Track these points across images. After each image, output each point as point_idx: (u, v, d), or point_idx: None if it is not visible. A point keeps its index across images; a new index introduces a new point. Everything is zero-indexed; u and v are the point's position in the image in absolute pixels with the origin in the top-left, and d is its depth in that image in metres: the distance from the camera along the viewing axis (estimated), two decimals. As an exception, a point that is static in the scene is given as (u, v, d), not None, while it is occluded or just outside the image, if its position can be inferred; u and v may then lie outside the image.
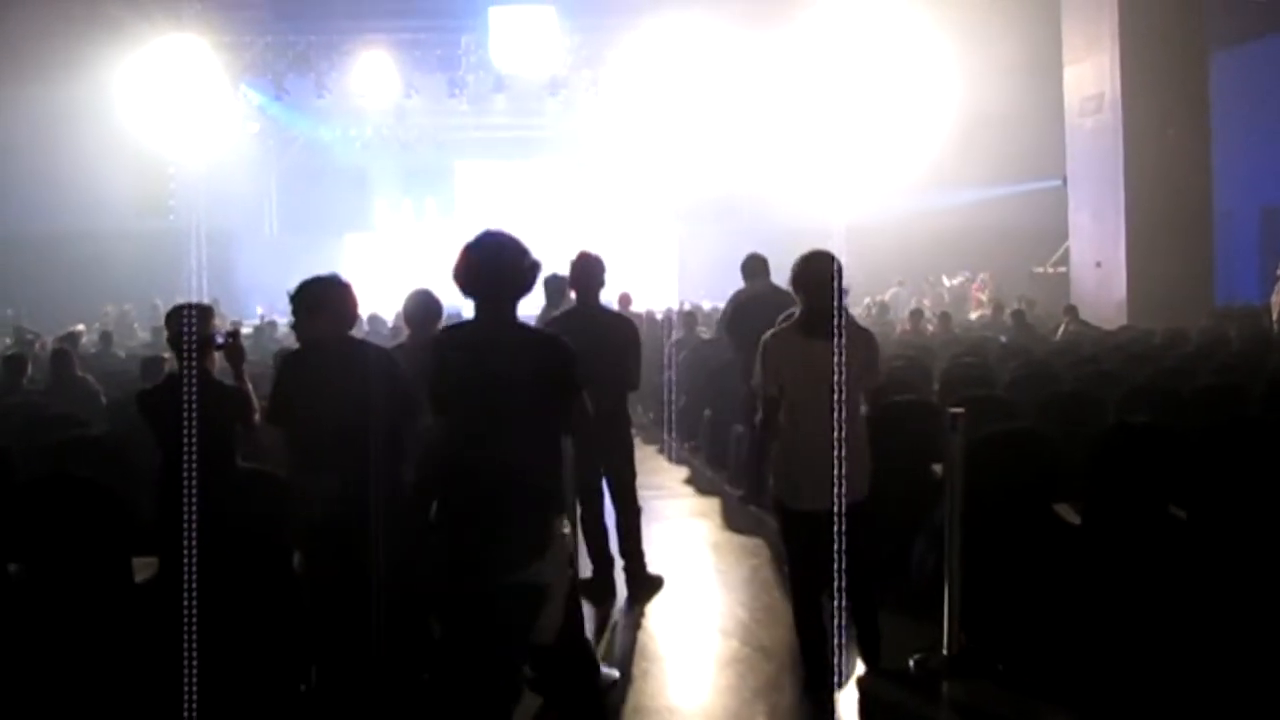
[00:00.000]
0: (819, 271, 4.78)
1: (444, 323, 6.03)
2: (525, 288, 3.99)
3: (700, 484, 9.69)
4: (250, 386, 5.00)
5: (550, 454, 3.92)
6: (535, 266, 4.00)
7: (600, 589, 6.39)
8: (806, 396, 4.70)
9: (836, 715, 4.72)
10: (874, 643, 5.10)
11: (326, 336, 4.56)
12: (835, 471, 4.51)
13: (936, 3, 18.16)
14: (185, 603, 4.25)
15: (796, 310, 4.95)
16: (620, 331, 6.56)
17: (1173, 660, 4.95)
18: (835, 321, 4.65)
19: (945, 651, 5.06)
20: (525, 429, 3.81)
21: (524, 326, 4.08)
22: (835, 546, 4.53)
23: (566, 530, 3.91)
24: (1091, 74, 16.69)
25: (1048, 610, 5.31)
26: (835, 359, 4.56)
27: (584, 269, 6.56)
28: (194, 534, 4.36)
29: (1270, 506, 5.37)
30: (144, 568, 5.00)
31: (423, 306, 6.13)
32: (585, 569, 6.17)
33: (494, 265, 3.93)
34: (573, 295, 6.77)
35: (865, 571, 4.92)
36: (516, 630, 3.74)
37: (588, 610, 5.84)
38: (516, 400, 3.79)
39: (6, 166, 20.98)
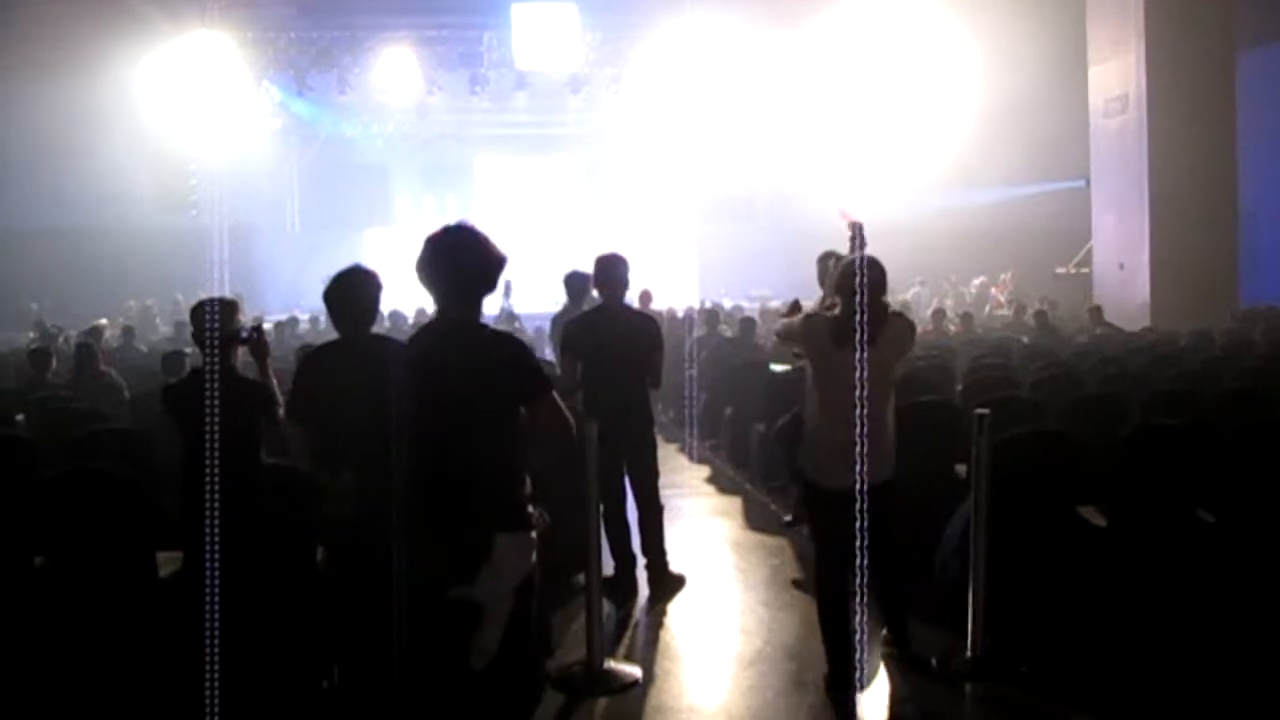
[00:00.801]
0: (849, 279, 4.78)
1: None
2: (489, 285, 3.71)
3: (721, 483, 9.67)
4: (275, 381, 5.00)
5: (503, 464, 3.56)
6: (501, 262, 3.70)
7: (622, 587, 6.39)
8: (840, 387, 4.70)
9: (859, 716, 4.70)
10: (903, 624, 5.14)
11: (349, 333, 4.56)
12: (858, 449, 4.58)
13: (961, 2, 18.09)
14: (208, 598, 4.25)
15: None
16: (644, 331, 6.61)
17: (1197, 664, 4.91)
18: (860, 329, 4.68)
19: (969, 653, 5.04)
20: (479, 436, 3.52)
21: (484, 327, 3.80)
22: (858, 524, 4.57)
23: (524, 551, 3.53)
24: (1116, 74, 16.59)
25: (1073, 613, 5.28)
26: (857, 355, 4.60)
27: (608, 268, 6.58)
28: (217, 529, 4.36)
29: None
30: (168, 562, 5.02)
31: None
32: (608, 567, 6.15)
33: (457, 260, 3.66)
34: (595, 294, 6.79)
35: (893, 551, 4.96)
36: (443, 650, 3.54)
37: (609, 609, 5.85)
38: (471, 406, 3.51)
39: (31, 162, 21.09)
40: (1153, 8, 15.78)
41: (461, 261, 3.66)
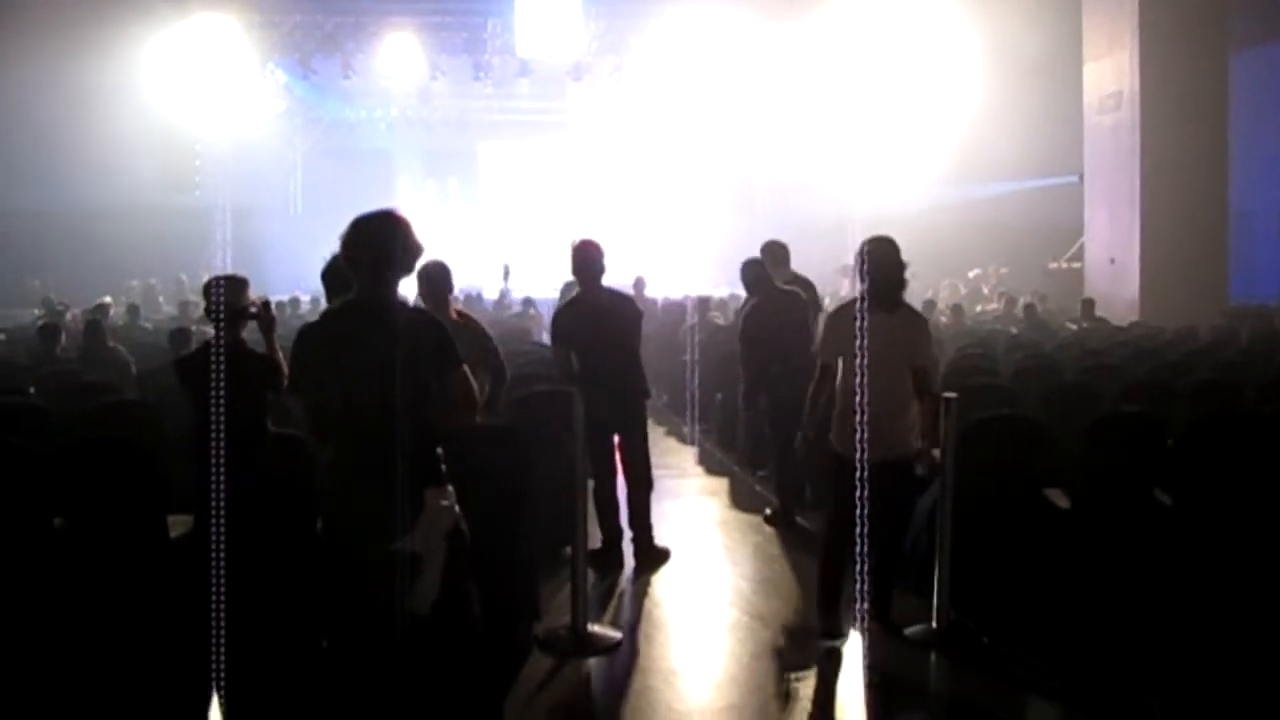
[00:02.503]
0: (883, 254, 5.27)
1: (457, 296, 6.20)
2: (407, 268, 3.96)
3: (710, 464, 9.96)
4: (280, 354, 5.26)
5: (422, 429, 3.83)
6: (419, 250, 3.97)
7: (608, 560, 6.70)
8: (868, 364, 5.07)
9: (829, 680, 4.97)
10: (887, 595, 5.45)
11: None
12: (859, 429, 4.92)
13: (958, -2, 18.28)
14: (215, 559, 4.49)
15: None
16: (624, 309, 7.00)
17: (1153, 638, 5.17)
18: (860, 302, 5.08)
19: (934, 625, 5.31)
20: (406, 404, 3.77)
21: (403, 304, 4.10)
22: (859, 493, 4.91)
23: (447, 502, 3.88)
24: (1111, 71, 16.77)
25: (1035, 589, 5.54)
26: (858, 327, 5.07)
27: (584, 255, 6.90)
28: (224, 494, 4.60)
29: (1253, 496, 5.57)
30: (177, 525, 5.28)
31: (434, 279, 6.21)
32: (595, 540, 6.42)
33: (372, 240, 3.87)
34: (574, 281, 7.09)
35: (898, 524, 5.36)
36: (386, 599, 3.80)
37: (595, 579, 6.13)
38: (392, 375, 3.75)
39: (37, 142, 21.25)
40: (1148, 6, 15.92)
41: (381, 244, 3.88)
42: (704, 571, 6.75)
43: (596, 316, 6.79)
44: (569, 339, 6.78)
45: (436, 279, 6.15)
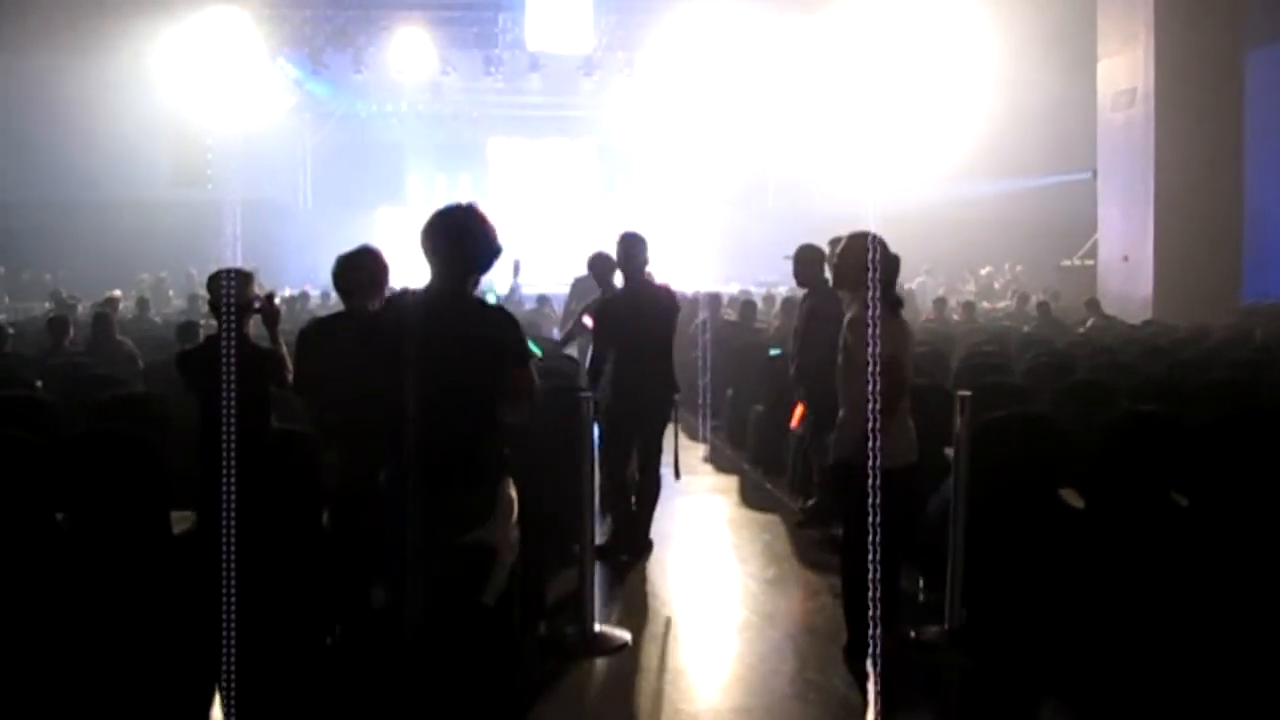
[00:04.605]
0: (883, 253, 5.05)
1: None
2: (484, 265, 3.97)
3: (719, 461, 9.89)
4: (285, 349, 5.21)
5: (491, 422, 3.90)
6: (498, 250, 3.98)
7: (617, 550, 6.71)
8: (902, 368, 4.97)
9: (840, 682, 4.90)
10: (893, 606, 5.24)
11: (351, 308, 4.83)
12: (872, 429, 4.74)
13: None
14: (224, 555, 4.44)
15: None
16: (668, 305, 7.09)
17: (1168, 643, 5.09)
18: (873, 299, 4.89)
19: (946, 625, 5.24)
20: (478, 399, 3.86)
21: (473, 299, 4.07)
22: (870, 500, 4.75)
23: (513, 494, 3.93)
24: (1125, 68, 16.66)
25: (1048, 590, 5.47)
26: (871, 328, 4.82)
27: (631, 247, 6.95)
28: (231, 490, 4.55)
29: (1271, 497, 5.49)
30: (181, 521, 5.24)
31: None
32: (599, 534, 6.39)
33: (457, 235, 3.90)
34: (618, 275, 7.10)
35: (905, 531, 5.15)
36: (467, 588, 3.82)
37: (600, 576, 6.08)
38: (461, 369, 3.81)
39: (48, 135, 21.29)
40: (1163, 3, 15.82)
41: (464, 239, 3.88)
42: (713, 570, 6.70)
43: (640, 308, 6.86)
44: (614, 331, 6.82)
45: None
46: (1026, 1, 17.49)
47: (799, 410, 7.55)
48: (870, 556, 4.86)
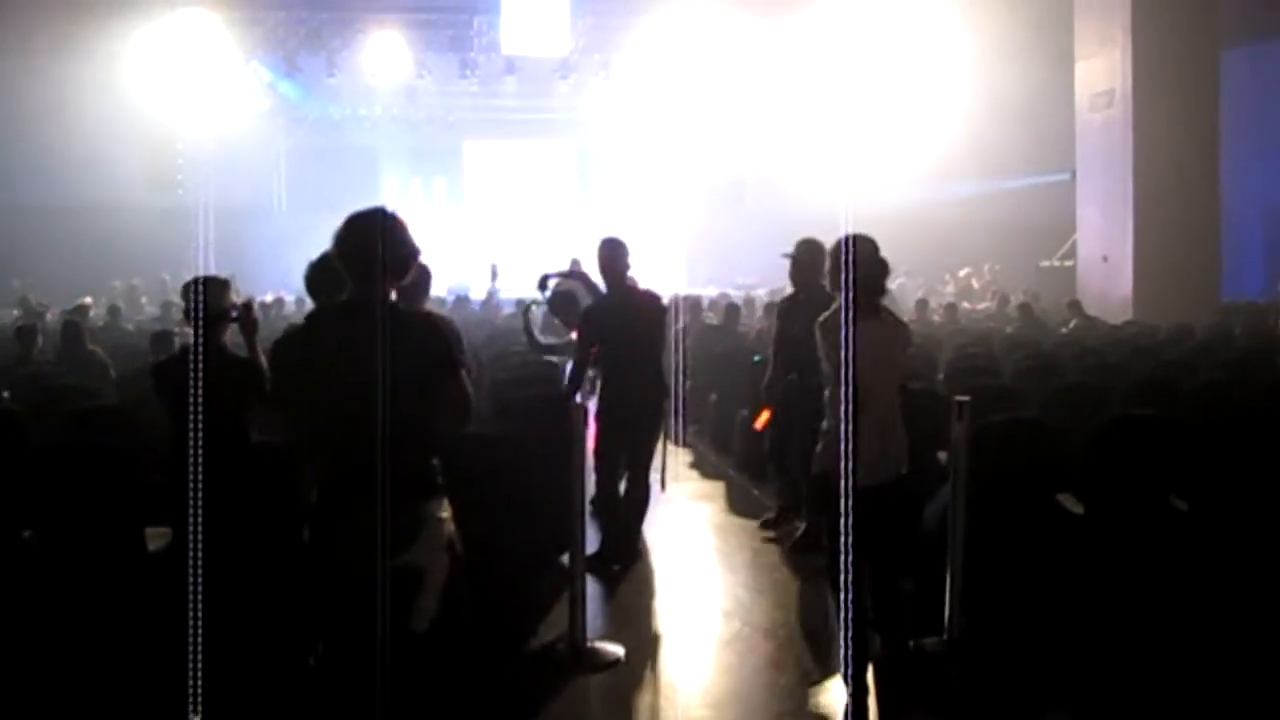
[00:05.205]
0: (864, 254, 4.87)
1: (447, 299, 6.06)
2: (404, 268, 3.73)
3: (705, 468, 9.78)
4: (264, 359, 5.05)
5: (418, 438, 3.65)
6: (417, 252, 3.76)
7: (608, 563, 6.56)
8: (865, 375, 4.59)
9: (837, 694, 4.78)
10: (895, 623, 5.12)
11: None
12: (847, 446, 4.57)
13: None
14: (193, 573, 4.29)
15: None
16: (657, 310, 6.96)
17: (1170, 649, 5.01)
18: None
19: (946, 635, 5.12)
20: (405, 412, 3.54)
21: (398, 308, 3.84)
22: (844, 521, 4.59)
23: (445, 515, 3.69)
24: (1103, 69, 16.68)
25: (1048, 597, 5.37)
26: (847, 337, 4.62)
27: (614, 252, 6.81)
28: (202, 505, 4.40)
29: (1270, 500, 5.42)
30: (155, 537, 5.07)
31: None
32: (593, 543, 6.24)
33: (374, 239, 3.65)
34: (600, 280, 7.00)
35: (899, 548, 5.03)
36: (388, 614, 3.56)
37: (591, 583, 5.94)
38: (389, 381, 3.51)
39: (17, 138, 20.96)
40: (1140, 5, 15.85)
41: (381, 243, 3.66)
42: (702, 581, 6.55)
43: (626, 313, 6.73)
44: (599, 337, 6.69)
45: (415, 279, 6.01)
46: (1004, 3, 17.47)
47: (765, 414, 7.46)
48: (849, 574, 4.72)
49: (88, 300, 15.31)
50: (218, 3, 18.62)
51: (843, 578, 4.73)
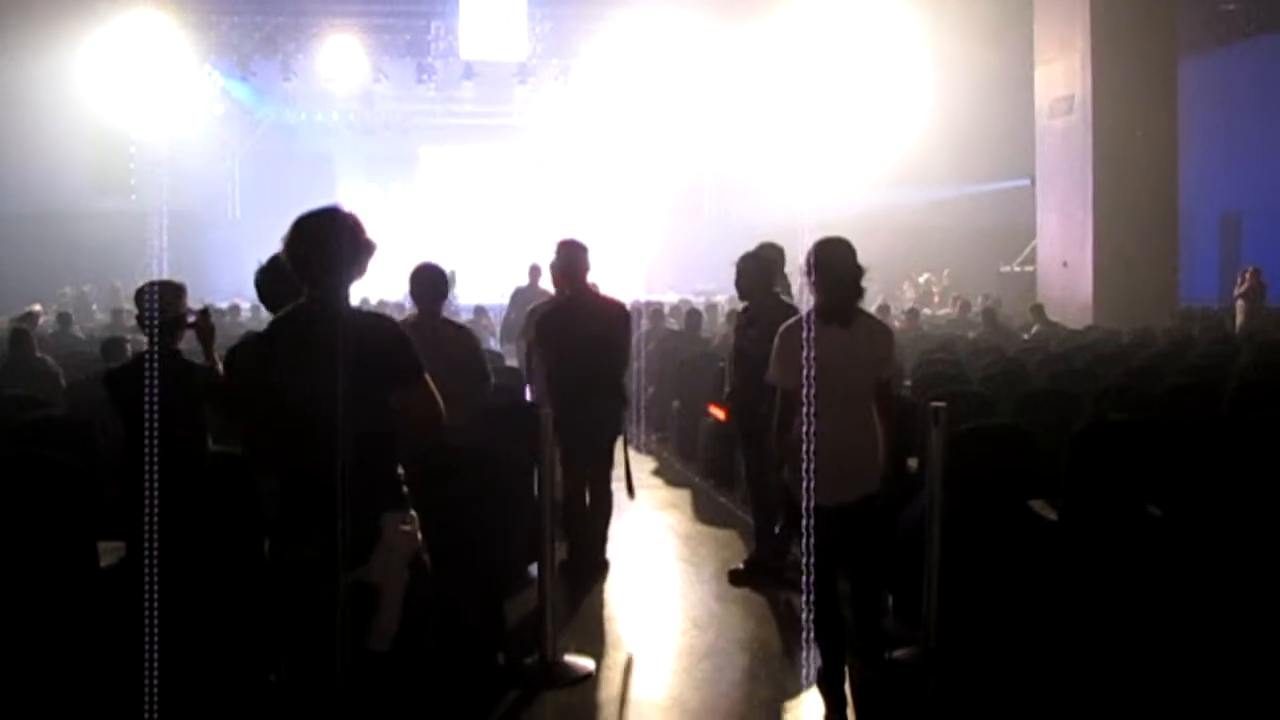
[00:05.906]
0: (837, 257, 4.60)
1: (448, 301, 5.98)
2: (358, 268, 3.52)
3: (669, 475, 9.66)
4: (220, 366, 4.88)
5: (373, 448, 3.45)
6: (372, 247, 3.53)
7: (578, 570, 6.45)
8: (824, 388, 4.43)
9: (813, 707, 4.67)
10: (875, 641, 4.87)
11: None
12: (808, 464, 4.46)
13: (910, 1, 18.21)
14: (147, 588, 4.12)
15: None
16: (618, 318, 6.68)
17: (1147, 655, 4.95)
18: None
19: (922, 646, 5.03)
20: (358, 419, 3.36)
21: (356, 310, 3.69)
22: (814, 541, 4.47)
23: (408, 528, 3.48)
24: (1062, 75, 16.77)
25: (1025, 606, 5.30)
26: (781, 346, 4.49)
27: (572, 255, 6.60)
28: (157, 518, 4.24)
29: (1245, 504, 5.39)
30: (108, 552, 4.89)
31: (426, 282, 5.95)
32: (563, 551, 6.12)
33: (325, 240, 3.45)
34: (549, 283, 6.82)
35: (876, 566, 4.81)
36: (342, 633, 3.41)
37: (564, 593, 5.81)
38: (344, 391, 3.33)
39: (-37, 143, 20.58)
40: (1099, 11, 15.94)
41: (333, 243, 3.47)
42: (673, 591, 6.41)
43: (584, 320, 6.47)
44: (553, 343, 6.49)
45: (424, 282, 5.90)
46: (963, 8, 17.53)
47: (720, 412, 7.35)
48: (821, 593, 4.60)
49: (37, 307, 14.96)
50: (170, 5, 18.36)
51: (813, 596, 4.64)
